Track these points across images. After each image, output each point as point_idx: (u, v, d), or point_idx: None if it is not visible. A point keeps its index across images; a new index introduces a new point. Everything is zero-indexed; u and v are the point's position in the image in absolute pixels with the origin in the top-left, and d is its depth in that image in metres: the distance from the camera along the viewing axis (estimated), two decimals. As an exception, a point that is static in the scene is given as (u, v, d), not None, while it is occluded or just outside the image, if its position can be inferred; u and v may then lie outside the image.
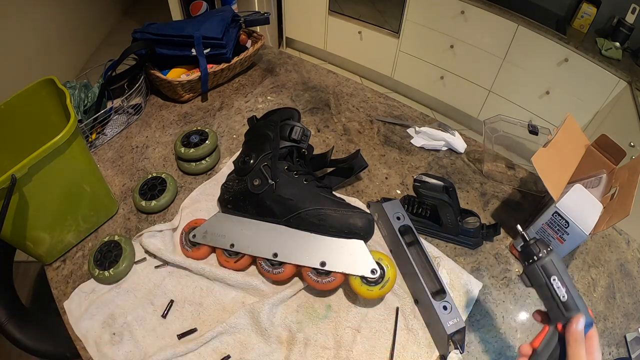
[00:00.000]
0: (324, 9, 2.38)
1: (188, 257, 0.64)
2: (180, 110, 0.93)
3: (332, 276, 0.57)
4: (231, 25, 0.96)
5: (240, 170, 0.65)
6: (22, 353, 0.67)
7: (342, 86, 1.03)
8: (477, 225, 0.68)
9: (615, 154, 0.70)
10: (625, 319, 0.64)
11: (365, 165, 0.73)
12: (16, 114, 0.62)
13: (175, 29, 0.90)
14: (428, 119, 0.94)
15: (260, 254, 0.60)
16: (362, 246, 0.58)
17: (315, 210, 0.58)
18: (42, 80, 0.63)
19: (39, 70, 1.98)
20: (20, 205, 0.53)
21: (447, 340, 0.53)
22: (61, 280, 0.62)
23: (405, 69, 2.37)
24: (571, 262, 0.70)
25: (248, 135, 0.70)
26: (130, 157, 0.81)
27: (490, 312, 0.61)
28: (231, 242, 0.61)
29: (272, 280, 0.62)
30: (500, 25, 1.88)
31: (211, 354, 0.54)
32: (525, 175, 0.83)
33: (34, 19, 1.98)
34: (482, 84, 2.13)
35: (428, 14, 2.09)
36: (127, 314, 0.58)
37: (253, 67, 1.07)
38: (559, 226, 0.58)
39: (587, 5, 1.84)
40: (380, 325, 0.58)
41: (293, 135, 0.65)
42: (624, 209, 0.54)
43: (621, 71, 1.65)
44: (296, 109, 0.71)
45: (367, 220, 0.59)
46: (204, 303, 0.60)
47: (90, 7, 2.57)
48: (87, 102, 0.81)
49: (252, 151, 0.65)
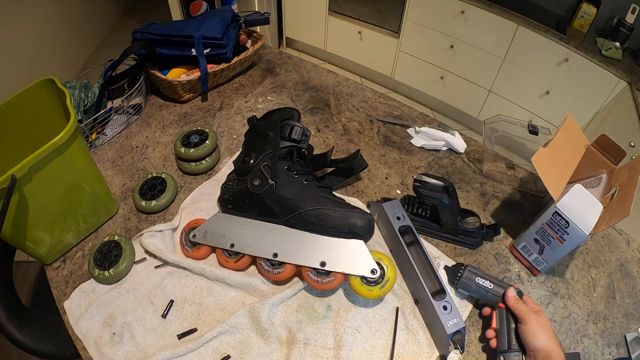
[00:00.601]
0: (324, 9, 2.38)
1: (188, 257, 0.64)
2: (180, 110, 0.93)
3: (332, 276, 0.57)
4: (231, 25, 0.96)
5: (240, 170, 0.65)
6: (22, 353, 0.67)
7: (342, 86, 1.03)
8: (477, 225, 0.68)
9: (615, 154, 0.70)
10: (625, 319, 0.64)
11: (365, 165, 0.73)
12: (16, 114, 0.62)
13: (175, 29, 0.90)
14: (428, 119, 0.94)
15: (260, 254, 0.60)
16: (362, 246, 0.58)
17: (315, 210, 0.58)
18: (42, 80, 0.63)
19: (39, 70, 1.98)
20: (20, 205, 0.53)
21: (447, 340, 0.53)
22: (61, 280, 0.62)
23: (405, 69, 2.37)
24: (571, 262, 0.70)
25: (248, 135, 0.70)
26: (130, 157, 0.81)
27: (490, 312, 0.61)
28: (231, 242, 0.61)
29: (272, 281, 0.62)
30: (500, 25, 1.88)
31: (211, 354, 0.54)
32: (525, 175, 0.83)
33: (34, 19, 1.98)
34: (482, 84, 2.13)
35: (428, 14, 2.09)
36: (127, 314, 0.58)
37: (253, 67, 1.07)
38: (559, 226, 0.58)
39: (587, 5, 1.84)
40: (380, 325, 0.58)
41: (293, 135, 0.65)
42: (624, 209, 0.54)
43: (621, 71, 1.65)
44: (296, 109, 0.71)
45: (367, 220, 0.59)
46: (204, 303, 0.60)
47: (90, 7, 2.57)
48: (87, 102, 0.81)
49: (252, 151, 0.65)
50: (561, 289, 0.66)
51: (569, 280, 0.67)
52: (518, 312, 0.53)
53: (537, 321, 0.51)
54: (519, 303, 0.54)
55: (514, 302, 0.55)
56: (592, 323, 0.62)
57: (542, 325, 0.51)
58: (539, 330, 0.51)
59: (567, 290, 0.66)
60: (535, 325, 0.51)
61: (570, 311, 0.63)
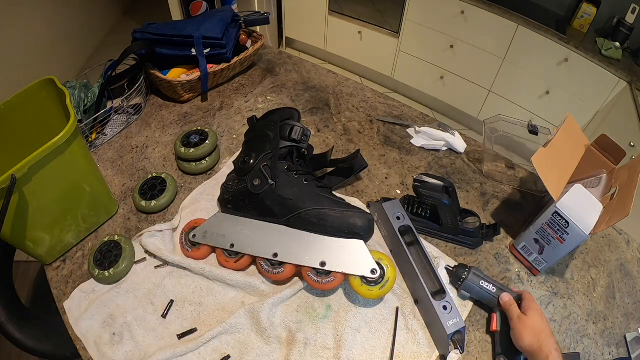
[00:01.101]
0: (324, 9, 2.38)
1: (188, 257, 0.64)
2: (180, 110, 0.93)
3: (332, 276, 0.57)
4: (231, 25, 0.96)
5: (240, 170, 0.65)
6: (22, 353, 0.67)
7: (342, 86, 1.03)
8: (477, 225, 0.68)
9: (615, 154, 0.70)
10: (625, 319, 0.64)
11: (365, 165, 0.73)
12: (16, 114, 0.62)
13: (175, 29, 0.90)
14: (428, 119, 0.94)
15: (260, 254, 0.60)
16: (362, 246, 0.58)
17: (315, 210, 0.58)
18: (42, 80, 0.63)
19: (39, 70, 1.98)
20: (20, 205, 0.53)
21: (447, 340, 0.53)
22: (61, 280, 0.62)
23: (405, 69, 2.37)
24: (571, 262, 0.70)
25: (248, 135, 0.70)
26: (130, 157, 0.81)
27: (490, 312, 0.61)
28: (231, 242, 0.61)
29: (272, 281, 0.62)
30: (500, 25, 1.88)
31: (211, 354, 0.54)
32: (525, 175, 0.83)
33: (34, 19, 1.98)
34: (482, 84, 2.13)
35: (428, 14, 2.09)
36: (127, 314, 0.58)
37: (253, 67, 1.07)
38: (559, 226, 0.58)
39: (587, 5, 1.84)
40: (380, 325, 0.58)
41: (293, 135, 0.65)
42: (624, 209, 0.54)
43: (621, 71, 1.65)
44: (296, 109, 0.71)
45: (367, 220, 0.59)
46: (204, 303, 0.60)
47: (90, 7, 2.57)
48: (87, 102, 0.81)
49: (252, 151, 0.65)
50: (561, 289, 0.66)
51: (569, 280, 0.67)
52: (507, 316, 0.55)
53: (522, 323, 0.53)
54: (509, 307, 0.56)
55: (505, 306, 0.56)
56: (592, 323, 0.62)
57: (527, 325, 0.52)
58: (523, 331, 0.52)
59: (567, 290, 0.66)
60: (520, 327, 0.52)
61: (570, 311, 0.63)
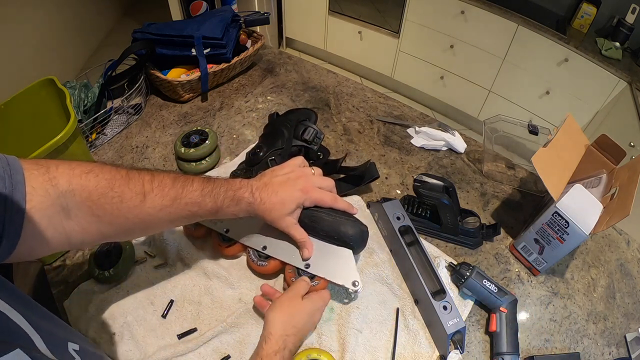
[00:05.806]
0: (324, 9, 2.38)
1: (188, 235, 0.64)
2: (180, 110, 0.93)
3: (316, 280, 0.57)
4: (231, 25, 0.96)
5: (249, 160, 0.67)
6: (22, 353, 0.67)
7: (342, 86, 1.03)
8: (477, 225, 0.68)
9: (615, 154, 0.70)
10: (625, 319, 0.64)
11: (377, 176, 0.72)
12: (16, 114, 0.62)
13: (175, 29, 0.90)
14: (428, 119, 0.94)
15: (251, 243, 0.60)
16: (349, 256, 0.57)
17: (310, 210, 0.58)
18: (42, 80, 0.63)
19: (39, 70, 1.97)
20: (20, 205, 0.53)
21: (447, 340, 0.53)
22: (61, 280, 0.62)
23: (405, 69, 2.38)
24: (571, 262, 0.70)
25: (265, 130, 0.73)
26: (130, 157, 0.81)
27: (490, 312, 0.61)
28: (226, 227, 0.62)
29: (256, 273, 0.62)
30: (500, 25, 1.88)
31: (211, 354, 0.54)
32: (525, 175, 0.83)
33: (34, 19, 1.98)
34: (482, 84, 2.13)
35: (428, 14, 2.09)
36: (127, 314, 0.58)
37: (253, 67, 1.07)
38: (559, 226, 0.58)
39: (587, 5, 1.84)
40: (381, 325, 0.58)
41: (305, 135, 0.68)
42: (624, 209, 0.54)
43: (621, 71, 1.65)
44: (314, 112, 0.73)
45: (360, 230, 0.58)
46: (204, 303, 0.60)
47: (90, 7, 2.58)
48: (87, 102, 0.81)
49: (265, 144, 0.68)
50: (561, 289, 0.66)
51: (569, 280, 0.67)
52: None
53: (292, 306, 0.52)
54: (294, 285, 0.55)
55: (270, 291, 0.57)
56: (592, 323, 0.62)
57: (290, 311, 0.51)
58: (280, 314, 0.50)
59: (567, 290, 0.66)
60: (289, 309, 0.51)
61: (570, 311, 0.63)
